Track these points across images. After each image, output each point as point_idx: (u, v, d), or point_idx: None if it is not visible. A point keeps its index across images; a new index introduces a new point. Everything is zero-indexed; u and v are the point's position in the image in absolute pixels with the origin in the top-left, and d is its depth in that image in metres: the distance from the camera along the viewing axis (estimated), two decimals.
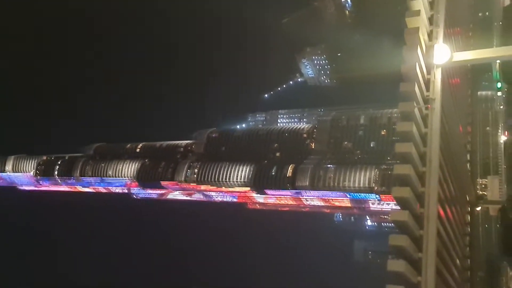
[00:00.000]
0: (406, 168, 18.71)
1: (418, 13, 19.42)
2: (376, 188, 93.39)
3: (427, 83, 20.70)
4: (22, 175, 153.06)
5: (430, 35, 21.13)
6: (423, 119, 20.44)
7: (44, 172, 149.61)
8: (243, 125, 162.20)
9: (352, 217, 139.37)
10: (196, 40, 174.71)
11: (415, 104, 19.22)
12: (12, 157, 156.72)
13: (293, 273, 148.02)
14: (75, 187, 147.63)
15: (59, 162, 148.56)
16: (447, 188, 23.14)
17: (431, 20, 21.14)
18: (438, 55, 20.06)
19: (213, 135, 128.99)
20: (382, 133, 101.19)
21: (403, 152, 18.97)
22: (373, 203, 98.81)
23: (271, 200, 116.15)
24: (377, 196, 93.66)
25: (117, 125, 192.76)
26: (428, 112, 20.08)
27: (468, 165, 36.22)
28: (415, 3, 19.65)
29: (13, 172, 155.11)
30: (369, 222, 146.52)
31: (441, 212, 21.34)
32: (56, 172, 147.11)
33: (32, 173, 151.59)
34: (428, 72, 20.69)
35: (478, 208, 37.37)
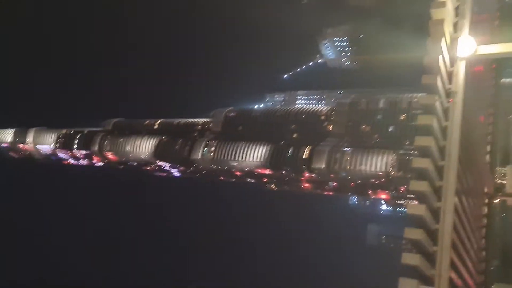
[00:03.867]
0: (425, 162, 18.67)
1: (443, 4, 19.01)
2: (393, 173, 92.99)
3: (450, 75, 20.37)
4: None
5: (455, 26, 20.69)
6: (444, 112, 20.22)
7: (64, 145, 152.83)
8: (261, 105, 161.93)
9: (368, 201, 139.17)
10: (217, 18, 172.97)
11: (436, 97, 19.02)
12: (33, 129, 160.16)
13: (305, 256, 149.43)
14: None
15: (78, 136, 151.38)
16: (465, 181, 23.01)
17: (456, 11, 20.67)
18: (463, 48, 19.70)
19: (231, 114, 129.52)
20: (401, 118, 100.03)
21: (423, 146, 18.90)
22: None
23: None
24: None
25: (136, 101, 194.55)
26: (450, 105, 19.84)
27: (488, 156, 35.74)
28: None
29: (34, 144, 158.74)
30: (384, 207, 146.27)
31: (458, 205, 21.30)
32: (75, 146, 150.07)
33: (51, 145, 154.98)
34: (451, 65, 20.35)
35: (496, 200, 37.08)
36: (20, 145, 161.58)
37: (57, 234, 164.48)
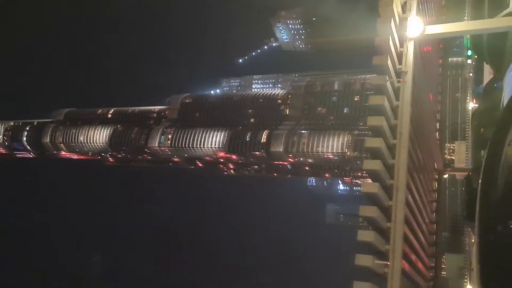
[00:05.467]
0: (377, 141, 19.07)
1: None
2: (348, 153, 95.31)
3: (400, 55, 20.79)
4: None
5: (403, 7, 21.06)
6: (395, 92, 20.68)
7: (12, 138, 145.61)
8: (217, 91, 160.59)
9: (325, 182, 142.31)
10: (167, 5, 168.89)
11: (387, 77, 19.37)
12: None
13: (265, 236, 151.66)
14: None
15: (27, 128, 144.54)
16: (416, 159, 23.82)
17: None
18: (411, 28, 20.10)
19: (187, 101, 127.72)
20: (356, 99, 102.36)
21: (375, 125, 19.28)
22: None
23: None
24: None
25: (88, 90, 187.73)
26: (400, 85, 20.30)
27: (437, 133, 37.19)
28: None
29: None
30: (341, 186, 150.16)
31: (410, 182, 22.04)
32: (24, 138, 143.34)
33: None
34: (401, 45, 20.76)
35: (446, 176, 38.82)
36: None
37: None
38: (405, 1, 20.74)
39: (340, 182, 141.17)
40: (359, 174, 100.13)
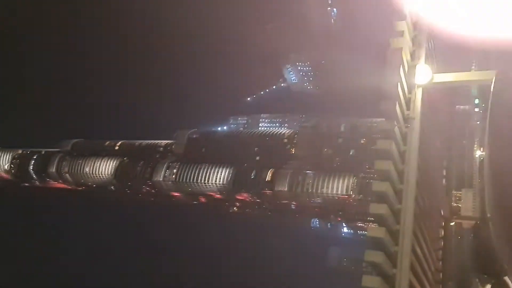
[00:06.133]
0: (384, 185, 19.10)
1: (402, 33, 19.89)
2: (353, 196, 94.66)
3: (408, 101, 21.16)
4: None
5: (412, 55, 21.63)
6: (403, 137, 20.89)
7: (19, 167, 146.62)
8: (225, 128, 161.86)
9: (329, 224, 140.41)
10: (179, 40, 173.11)
11: (395, 122, 19.64)
12: None
13: (268, 278, 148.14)
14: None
15: (34, 157, 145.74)
16: (423, 204, 23.68)
17: (414, 40, 21.67)
18: (420, 76, 20.56)
19: (194, 136, 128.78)
20: (362, 141, 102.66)
21: (382, 170, 19.36)
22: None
23: None
24: None
25: (96, 121, 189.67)
26: (408, 130, 20.54)
27: (444, 180, 37.07)
28: (400, 23, 20.11)
29: None
30: (345, 229, 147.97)
31: (417, 228, 21.82)
32: (31, 167, 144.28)
33: (6, 167, 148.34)
34: (409, 91, 21.17)
35: (452, 223, 38.33)
36: None
37: None
38: (414, 49, 21.35)
39: (344, 225, 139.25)
40: (364, 217, 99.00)
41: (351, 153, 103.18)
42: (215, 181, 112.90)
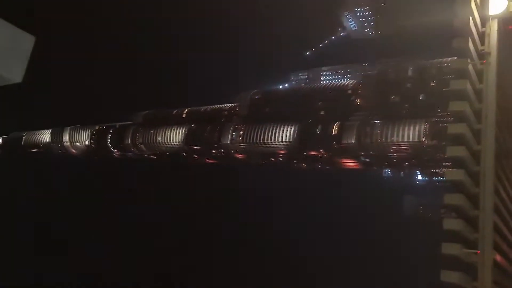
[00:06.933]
0: (461, 127, 18.39)
1: None
2: (426, 142, 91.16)
3: (482, 36, 19.79)
4: None
5: None
6: (478, 75, 19.74)
7: (97, 141, 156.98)
8: (286, 85, 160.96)
9: (402, 172, 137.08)
10: (235, 2, 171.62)
11: (469, 60, 18.57)
12: (68, 128, 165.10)
13: (345, 231, 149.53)
14: None
15: (110, 131, 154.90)
16: (504, 143, 22.52)
17: None
18: (494, 6, 19.04)
19: (257, 97, 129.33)
20: (432, 84, 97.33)
21: (458, 111, 18.58)
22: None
23: None
24: None
25: (163, 92, 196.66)
26: (484, 67, 19.34)
27: None
28: None
29: (70, 143, 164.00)
30: (419, 177, 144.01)
31: (499, 168, 20.92)
32: (109, 141, 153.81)
33: (87, 142, 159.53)
34: (483, 25, 19.74)
35: None
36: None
37: None
38: None
39: (418, 173, 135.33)
40: (438, 164, 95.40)
41: (420, 98, 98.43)
42: (281, 139, 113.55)
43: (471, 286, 17.23)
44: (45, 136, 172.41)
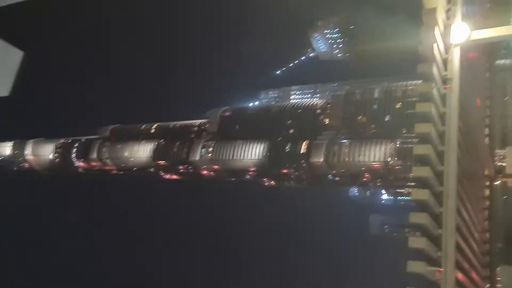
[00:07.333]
0: (426, 148, 19.10)
1: None
2: (392, 162, 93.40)
3: (445, 62, 20.76)
4: None
5: (447, 13, 21.06)
6: (442, 99, 20.63)
7: (62, 155, 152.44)
8: (256, 103, 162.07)
9: (368, 192, 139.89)
10: (206, 15, 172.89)
11: (433, 85, 19.41)
12: (31, 141, 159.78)
13: (307, 249, 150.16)
14: None
15: (76, 145, 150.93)
16: (466, 165, 23.46)
17: None
18: (456, 34, 20.06)
19: (226, 114, 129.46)
20: (397, 106, 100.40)
21: (423, 133, 19.31)
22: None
23: None
24: None
25: (131, 106, 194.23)
26: (447, 92, 20.25)
27: (487, 139, 36.23)
28: None
29: (33, 156, 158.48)
30: (385, 196, 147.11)
31: (460, 188, 21.73)
32: (73, 155, 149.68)
33: (51, 156, 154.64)
34: (446, 52, 20.74)
35: (497, 182, 37.55)
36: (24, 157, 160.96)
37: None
38: (449, 7, 20.73)
39: (383, 192, 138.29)
40: (403, 183, 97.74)
41: (386, 119, 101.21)
42: (251, 156, 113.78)
43: None
44: (7, 148, 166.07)
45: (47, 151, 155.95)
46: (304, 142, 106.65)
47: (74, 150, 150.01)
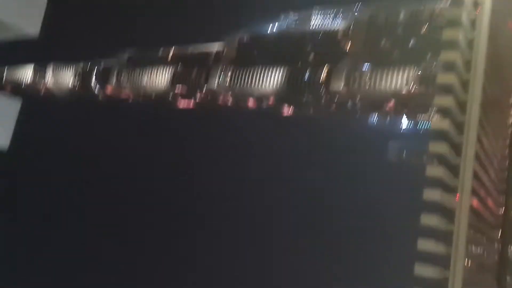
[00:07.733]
0: (450, 77, 18.57)
1: None
2: (414, 88, 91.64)
3: None
4: None
5: None
6: (471, 23, 19.63)
7: (81, 81, 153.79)
8: (276, 27, 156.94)
9: (388, 119, 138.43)
10: None
11: (463, 8, 18.38)
12: (51, 64, 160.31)
13: (325, 174, 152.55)
14: None
15: (95, 70, 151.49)
16: (491, 94, 22.89)
17: None
18: None
19: (245, 39, 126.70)
20: (423, 30, 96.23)
21: (449, 61, 18.68)
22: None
23: None
24: None
25: (149, 30, 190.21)
26: (477, 16, 19.20)
27: None
28: None
29: (53, 80, 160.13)
30: (405, 123, 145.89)
31: (483, 118, 21.43)
32: (93, 80, 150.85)
33: (70, 80, 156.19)
34: None
35: None
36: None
37: None
38: None
39: (404, 119, 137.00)
40: (425, 110, 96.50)
41: (411, 44, 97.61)
42: (269, 83, 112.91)
43: (448, 229, 18.22)
44: (28, 72, 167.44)
45: (67, 76, 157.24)
46: (325, 69, 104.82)
47: (93, 74, 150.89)
